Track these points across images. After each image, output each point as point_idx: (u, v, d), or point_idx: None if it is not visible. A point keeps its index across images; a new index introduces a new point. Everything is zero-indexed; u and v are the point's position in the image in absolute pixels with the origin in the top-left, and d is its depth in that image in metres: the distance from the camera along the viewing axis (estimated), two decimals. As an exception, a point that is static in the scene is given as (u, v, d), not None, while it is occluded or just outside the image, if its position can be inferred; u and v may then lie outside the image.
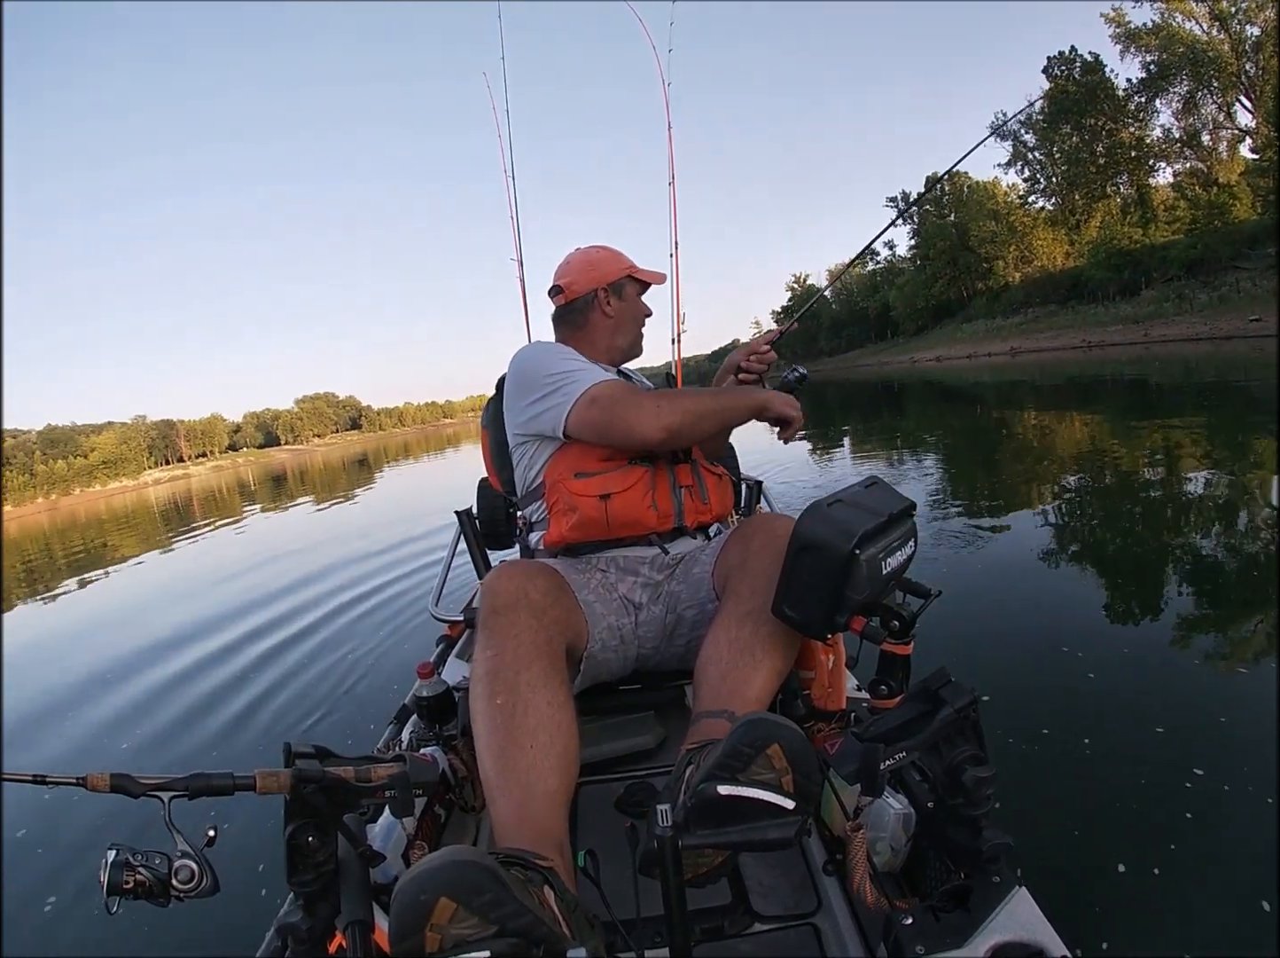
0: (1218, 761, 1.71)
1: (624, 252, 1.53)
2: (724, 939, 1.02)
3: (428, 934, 0.63)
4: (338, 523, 10.23)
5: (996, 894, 0.78)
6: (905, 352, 42.72)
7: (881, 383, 25.20)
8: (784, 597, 0.96)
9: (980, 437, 8.68)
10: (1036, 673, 2.27)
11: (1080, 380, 14.54)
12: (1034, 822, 1.57)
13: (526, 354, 1.39)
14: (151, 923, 1.65)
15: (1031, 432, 8.40)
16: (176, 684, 3.57)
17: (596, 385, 1.23)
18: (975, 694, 0.77)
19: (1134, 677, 2.16)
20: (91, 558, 11.56)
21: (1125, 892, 1.38)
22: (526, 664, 0.98)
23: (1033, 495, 4.95)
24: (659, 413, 1.19)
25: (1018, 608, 2.87)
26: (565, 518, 1.29)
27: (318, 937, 0.78)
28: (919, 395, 17.86)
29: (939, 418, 11.90)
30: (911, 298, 48.78)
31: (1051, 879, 1.40)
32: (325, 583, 5.22)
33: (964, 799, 0.77)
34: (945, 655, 2.38)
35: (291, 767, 0.74)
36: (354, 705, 2.84)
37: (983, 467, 6.42)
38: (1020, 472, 5.81)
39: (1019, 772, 1.74)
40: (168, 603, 5.92)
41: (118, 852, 0.69)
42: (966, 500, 4.99)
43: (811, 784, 0.77)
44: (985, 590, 3.11)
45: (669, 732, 1.45)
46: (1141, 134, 35.26)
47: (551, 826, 0.88)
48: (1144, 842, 1.49)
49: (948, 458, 7.23)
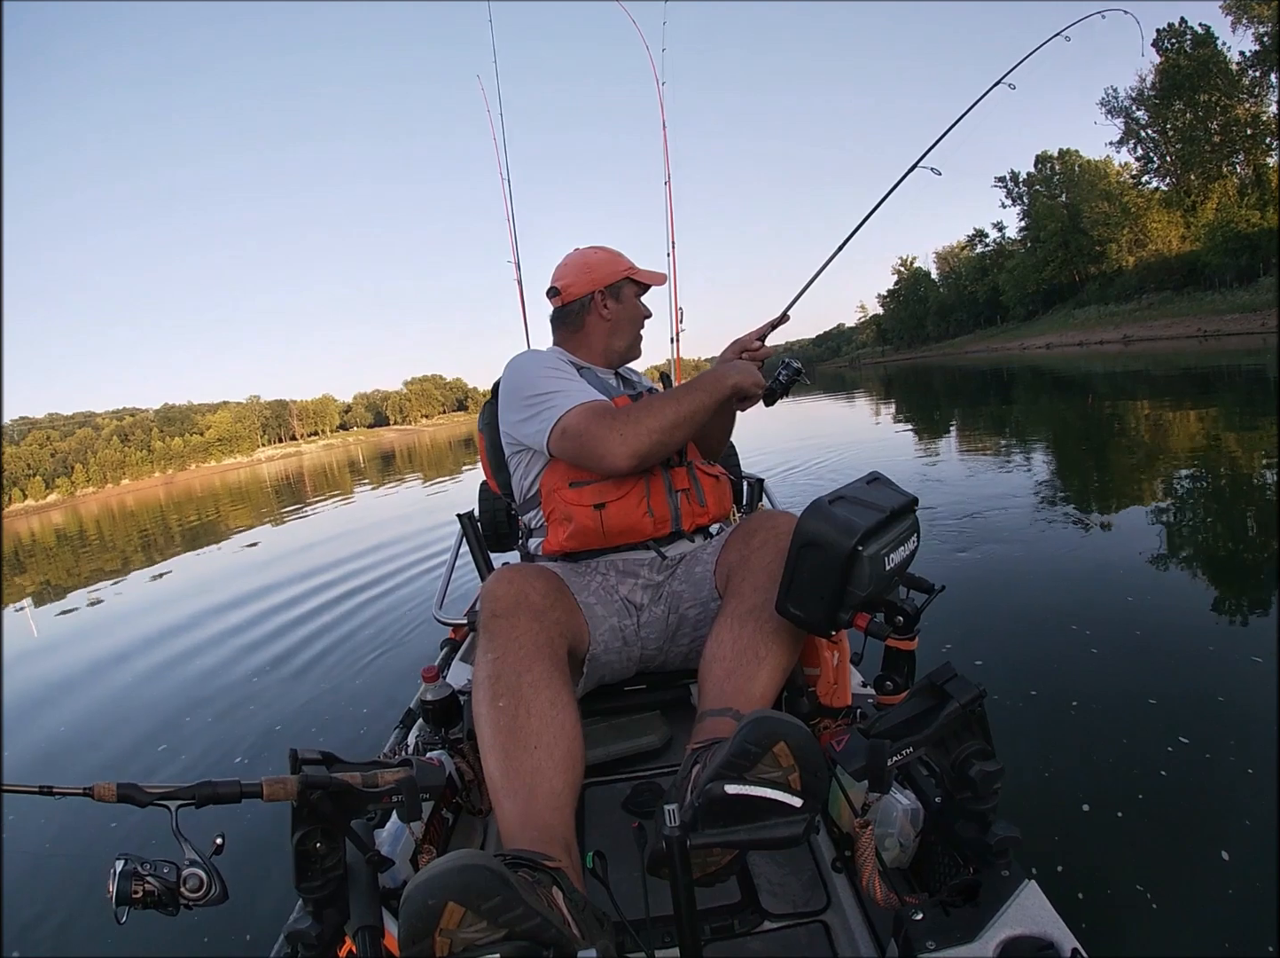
0: (1232, 755, 1.71)
1: (623, 252, 1.52)
2: (734, 938, 1.01)
3: (437, 939, 0.63)
4: (446, 502, 9.87)
5: (1006, 888, 0.77)
6: (1014, 338, 41.42)
7: (990, 370, 24.40)
8: (787, 594, 0.95)
9: (1080, 429, 8.09)
10: (1044, 666, 2.27)
11: (1196, 372, 13.31)
12: (1043, 815, 1.57)
13: (515, 367, 1.38)
14: (161, 933, 1.64)
15: (1144, 426, 7.68)
16: (182, 689, 3.57)
17: (567, 415, 1.22)
18: (981, 688, 0.77)
19: (1145, 669, 2.15)
20: (206, 530, 12.39)
21: (1136, 884, 1.37)
22: (528, 666, 0.98)
23: (1138, 492, 4.68)
24: (623, 442, 1.17)
25: (1024, 602, 2.87)
26: (562, 527, 1.29)
27: (327, 943, 0.78)
28: (1028, 384, 17.07)
29: (1048, 409, 10.98)
30: (1021, 281, 47.09)
31: (1061, 872, 1.40)
32: (331, 584, 5.22)
33: (972, 794, 0.77)
34: (951, 650, 2.37)
35: (298, 773, 0.74)
36: (360, 711, 2.84)
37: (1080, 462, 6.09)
38: (1130, 467, 5.46)
39: (1027, 765, 1.74)
40: (178, 603, 5.92)
41: (126, 862, 0.69)
42: (1071, 495, 4.76)
43: (818, 782, 0.76)
44: (991, 584, 3.11)
45: (675, 731, 1.45)
46: (1258, 111, 33.19)
47: (558, 826, 0.88)
48: (1155, 835, 1.49)
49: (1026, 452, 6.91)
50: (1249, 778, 1.61)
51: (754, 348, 1.43)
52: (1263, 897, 1.30)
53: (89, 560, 11.51)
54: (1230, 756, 1.69)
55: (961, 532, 3.96)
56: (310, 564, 6.22)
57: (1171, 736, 1.79)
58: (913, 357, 59.07)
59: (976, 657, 2.38)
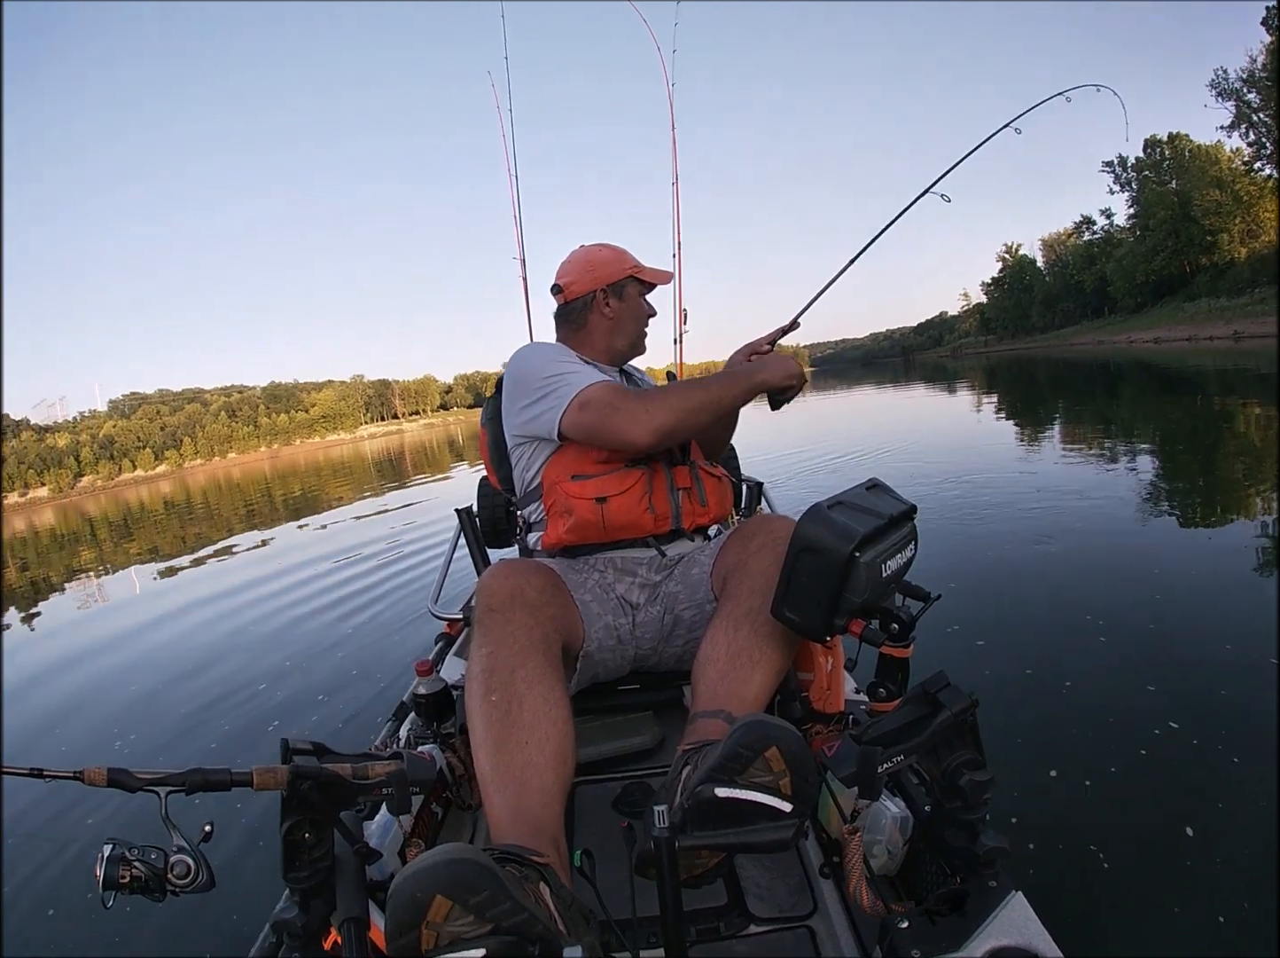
0: (1220, 770, 1.71)
1: (631, 250, 1.50)
2: (720, 941, 1.01)
3: (423, 932, 0.63)
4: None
5: (993, 898, 0.77)
6: (1121, 330, 40.28)
7: (1095, 364, 23.60)
8: (783, 598, 0.96)
9: (1186, 429, 7.55)
10: (1037, 678, 2.27)
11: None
12: (1033, 827, 1.57)
13: (523, 356, 1.38)
14: (146, 918, 1.65)
15: (1255, 428, 7.01)
16: (174, 677, 3.57)
17: (588, 389, 1.22)
18: (974, 698, 0.77)
19: (1143, 684, 2.15)
20: (308, 501, 13.13)
21: (1121, 897, 1.37)
22: (521, 661, 0.98)
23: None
24: (649, 415, 1.17)
25: (1019, 612, 2.86)
26: (562, 520, 1.29)
27: (313, 933, 0.78)
28: (1134, 380, 16.19)
29: (1156, 409, 10.06)
30: (1130, 271, 45.13)
31: (1048, 884, 1.40)
32: (328, 578, 5.23)
33: (961, 803, 0.77)
34: (944, 659, 2.38)
35: (289, 763, 0.74)
36: (352, 703, 2.84)
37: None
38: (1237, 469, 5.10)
39: (1017, 776, 1.74)
40: (178, 594, 5.92)
41: (114, 846, 0.69)
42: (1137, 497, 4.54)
43: (809, 788, 0.76)
44: (986, 595, 3.11)
45: (667, 732, 1.45)
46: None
47: (547, 822, 0.88)
48: (1141, 848, 1.49)
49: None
50: (1245, 797, 1.61)
51: (763, 351, 1.44)
52: (1253, 916, 1.30)
53: (193, 526, 12.97)
54: (1227, 775, 1.69)
55: (1033, 521, 3.96)
56: (317, 556, 6.25)
57: (1168, 753, 1.79)
58: (1016, 348, 57.00)
59: (971, 666, 2.38)
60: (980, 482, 5.39)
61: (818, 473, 6.69)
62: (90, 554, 11.43)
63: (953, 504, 4.73)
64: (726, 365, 1.48)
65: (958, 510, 4.54)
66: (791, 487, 6.05)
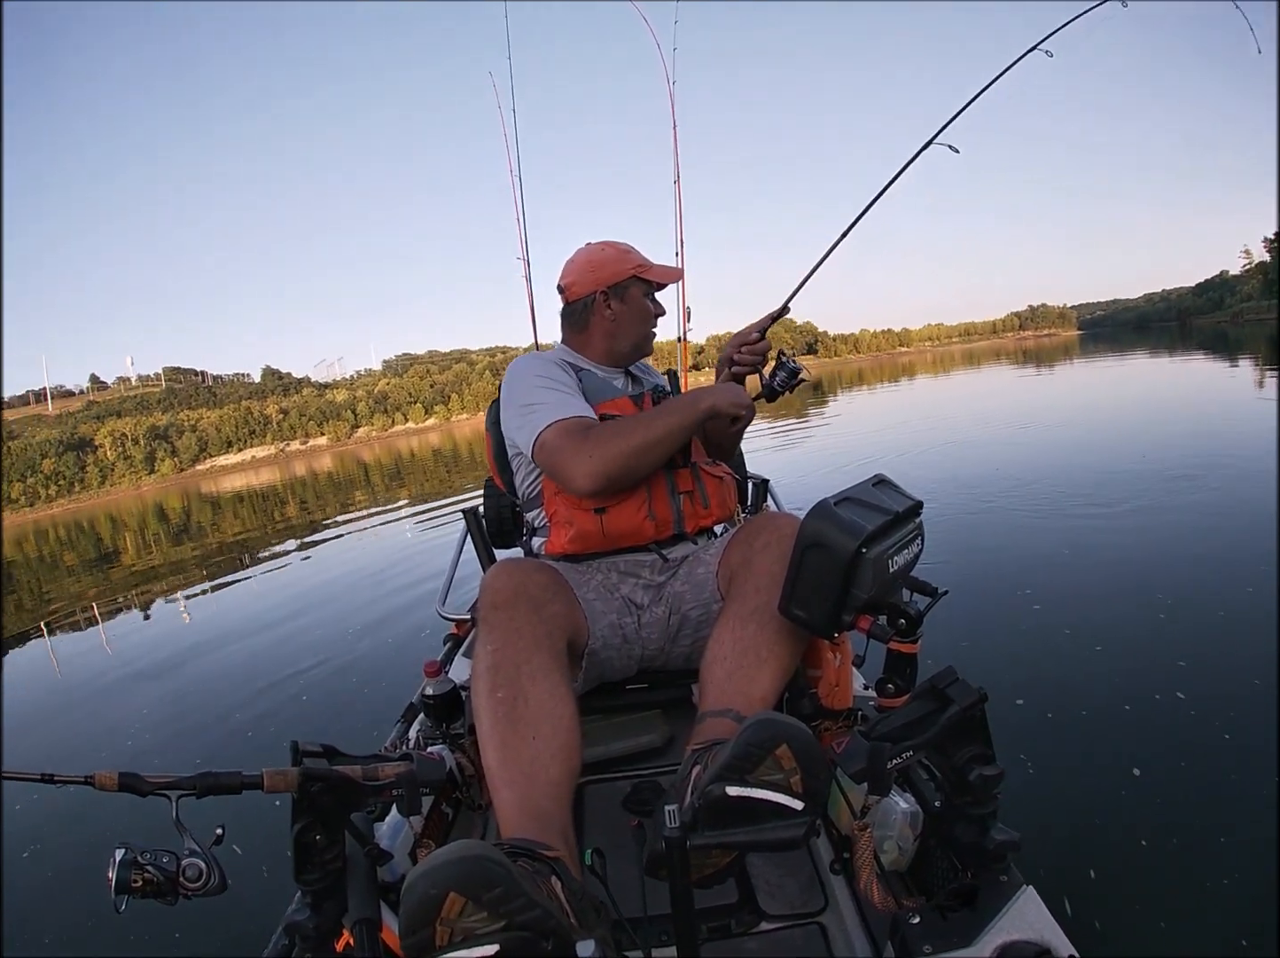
0: (1231, 762, 1.70)
1: (637, 248, 1.47)
2: (731, 938, 1.01)
3: (437, 928, 0.63)
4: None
5: (1004, 893, 0.77)
6: None
7: None
8: (790, 595, 0.95)
9: None
10: (1045, 672, 2.26)
11: None
12: (1043, 821, 1.56)
13: (513, 372, 1.39)
14: (159, 922, 1.65)
15: None
16: (185, 681, 3.59)
17: (546, 430, 1.21)
18: (982, 693, 0.76)
19: (1146, 674, 2.14)
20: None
21: (1134, 891, 1.37)
22: (526, 658, 0.98)
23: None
24: (590, 463, 1.16)
25: (1027, 607, 2.86)
26: (564, 530, 1.29)
27: (325, 935, 0.78)
28: None
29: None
30: None
31: (1060, 879, 1.40)
32: (334, 579, 5.24)
33: (971, 798, 0.77)
34: (953, 654, 2.36)
35: (299, 765, 0.75)
36: (361, 704, 2.85)
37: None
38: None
39: (1027, 770, 1.74)
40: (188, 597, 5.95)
41: (126, 850, 0.69)
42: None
43: (820, 785, 0.76)
44: (994, 589, 3.10)
45: (676, 731, 1.45)
46: None
47: (555, 815, 0.88)
48: (1154, 842, 1.49)
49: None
50: (1256, 791, 1.60)
51: (752, 340, 1.42)
52: (1263, 910, 1.29)
53: (459, 476, 14.32)
54: (1238, 769, 1.68)
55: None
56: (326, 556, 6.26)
57: (1179, 747, 1.78)
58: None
59: (979, 660, 2.37)
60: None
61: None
62: (364, 496, 13.48)
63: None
64: (719, 363, 1.47)
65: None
66: (797, 483, 6.04)
